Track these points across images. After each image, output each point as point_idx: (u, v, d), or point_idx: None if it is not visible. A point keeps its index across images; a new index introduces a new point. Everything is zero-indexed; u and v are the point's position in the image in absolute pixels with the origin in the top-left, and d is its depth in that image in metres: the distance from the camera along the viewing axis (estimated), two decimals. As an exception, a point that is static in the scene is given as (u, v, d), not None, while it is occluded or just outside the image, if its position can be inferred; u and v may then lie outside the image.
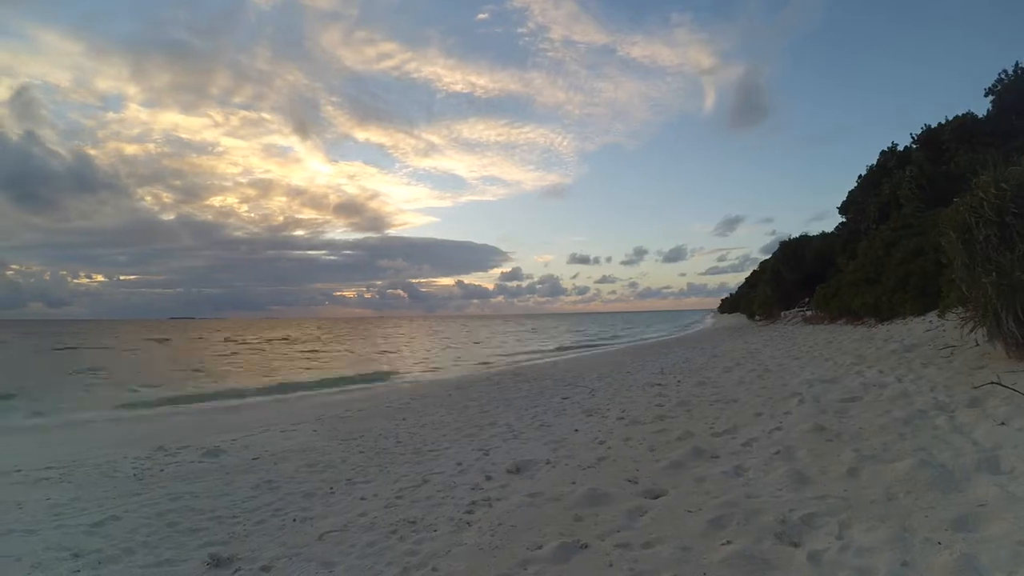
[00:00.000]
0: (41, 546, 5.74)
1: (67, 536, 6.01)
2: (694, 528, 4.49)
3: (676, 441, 7.49)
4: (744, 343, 24.33)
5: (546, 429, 9.69)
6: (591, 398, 12.83)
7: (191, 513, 6.58)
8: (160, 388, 23.04)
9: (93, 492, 7.67)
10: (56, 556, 5.47)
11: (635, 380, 15.28)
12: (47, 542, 5.84)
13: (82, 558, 5.41)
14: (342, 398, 18.47)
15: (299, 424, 12.60)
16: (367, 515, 6.02)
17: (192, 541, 5.71)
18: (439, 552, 4.79)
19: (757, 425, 7.76)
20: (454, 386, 18.86)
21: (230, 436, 11.36)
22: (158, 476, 8.42)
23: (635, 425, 8.91)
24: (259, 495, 7.22)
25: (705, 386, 12.15)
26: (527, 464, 7.31)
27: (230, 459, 9.37)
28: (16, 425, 15.34)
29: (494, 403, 13.79)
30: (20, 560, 5.40)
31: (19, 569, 5.22)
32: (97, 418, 16.06)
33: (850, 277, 24.40)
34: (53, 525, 6.37)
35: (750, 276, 65.37)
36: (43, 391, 22.28)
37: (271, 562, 5.01)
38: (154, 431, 13.11)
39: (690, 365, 17.79)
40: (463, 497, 6.25)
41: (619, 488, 5.80)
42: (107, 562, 5.31)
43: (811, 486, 5.11)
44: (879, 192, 30.91)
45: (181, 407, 18.07)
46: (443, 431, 10.68)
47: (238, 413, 16.43)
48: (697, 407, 9.69)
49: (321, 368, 31.80)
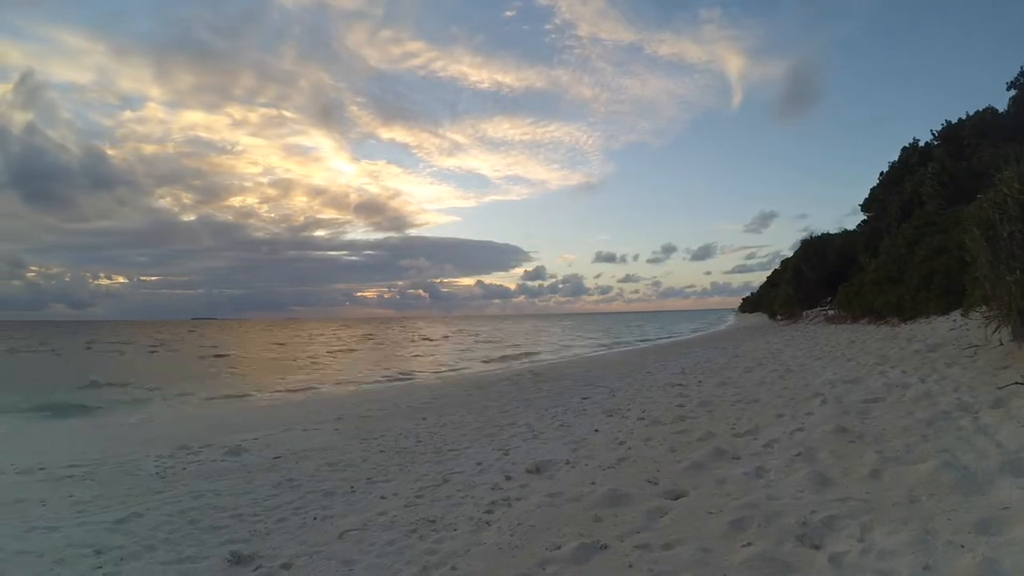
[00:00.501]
0: (64, 542, 5.81)
1: (90, 533, 6.08)
2: (714, 530, 4.48)
3: (697, 442, 7.46)
4: (765, 343, 24.18)
5: (566, 429, 9.69)
6: (611, 398, 12.81)
7: (213, 511, 6.65)
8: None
9: (116, 490, 7.76)
10: (78, 552, 5.54)
11: (656, 380, 15.25)
12: (70, 539, 5.92)
13: (104, 554, 5.47)
14: (359, 398, 18.58)
15: (320, 423, 12.67)
16: (387, 514, 6.05)
17: (213, 538, 5.77)
18: (458, 551, 4.81)
19: (778, 426, 7.71)
20: (474, 386, 18.87)
21: (252, 435, 11.44)
22: (180, 474, 8.51)
23: (656, 425, 8.88)
24: (280, 493, 7.28)
25: (726, 386, 12.08)
26: (547, 464, 7.31)
27: (252, 458, 9.45)
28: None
29: (514, 403, 13.82)
30: (42, 556, 5.47)
31: (42, 565, 5.28)
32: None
33: (872, 276, 24.17)
34: (76, 522, 6.45)
35: (771, 275, 64.78)
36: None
37: (291, 560, 5.05)
38: (176, 430, 13.25)
39: (711, 365, 17.70)
40: (483, 497, 6.27)
41: (639, 489, 5.79)
42: (129, 559, 5.37)
43: (833, 488, 5.08)
44: (901, 189, 30.61)
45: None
46: (463, 431, 10.71)
47: (259, 412, 16.58)
48: (718, 407, 9.64)
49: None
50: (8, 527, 6.36)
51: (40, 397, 20.21)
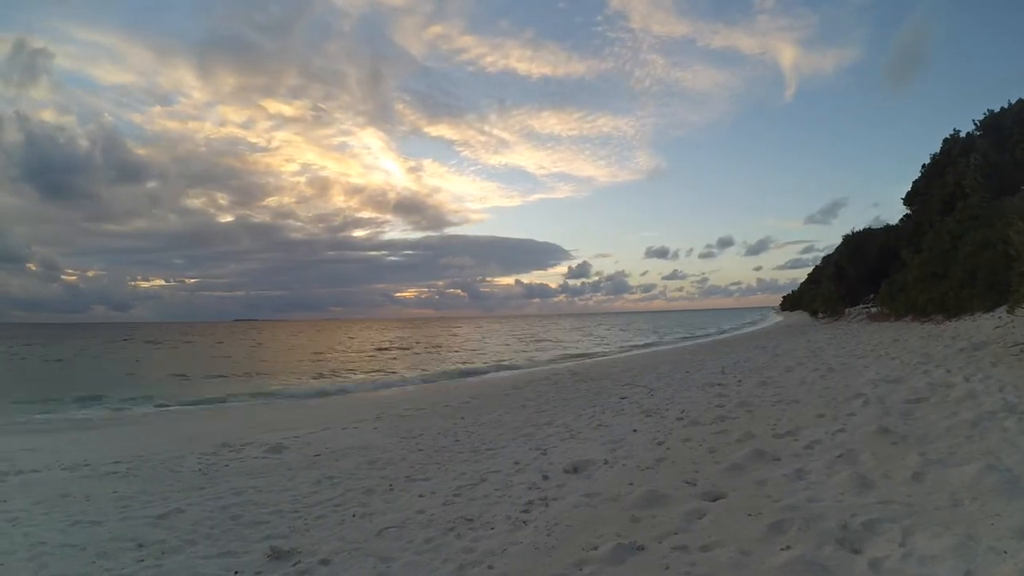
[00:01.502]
0: (106, 536, 5.97)
1: (132, 527, 6.23)
2: (753, 532, 4.46)
3: (736, 443, 7.42)
4: (806, 342, 23.93)
5: (604, 429, 9.67)
6: (650, 398, 12.77)
7: (253, 507, 6.78)
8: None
9: (158, 486, 7.95)
10: (121, 546, 5.68)
11: (695, 380, 15.17)
12: (112, 533, 6.08)
13: (146, 548, 5.61)
14: (398, 397, 18.80)
15: (360, 422, 12.86)
16: (425, 512, 6.11)
17: (254, 534, 5.89)
18: (495, 550, 4.84)
19: (820, 427, 7.65)
20: (511, 385, 18.97)
21: (293, 433, 11.66)
22: (222, 471, 8.69)
23: (695, 426, 8.84)
24: (320, 491, 7.40)
25: (767, 386, 11.99)
26: (584, 464, 7.30)
27: (292, 455, 9.63)
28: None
29: (552, 403, 13.85)
30: (85, 550, 5.62)
31: (85, 558, 5.44)
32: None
33: (916, 272, 23.83)
34: (119, 517, 6.62)
35: (813, 272, 63.94)
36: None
37: (330, 556, 5.13)
38: (218, 427, 13.51)
39: (751, 364, 17.58)
40: (520, 496, 6.30)
41: (677, 490, 5.78)
42: (170, 552, 5.50)
43: (874, 491, 5.04)
44: (943, 182, 30.06)
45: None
46: (500, 430, 10.77)
47: (300, 410, 16.87)
48: (758, 408, 9.58)
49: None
50: (53, 521, 6.55)
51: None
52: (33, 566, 5.26)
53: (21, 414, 17.64)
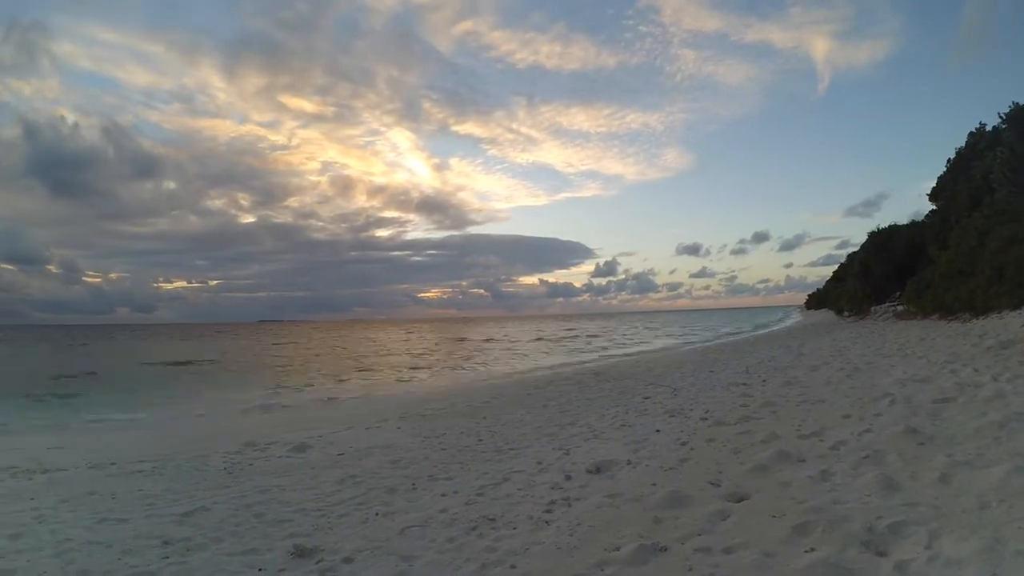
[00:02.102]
0: (132, 533, 6.08)
1: (157, 525, 6.33)
2: (777, 534, 4.45)
3: (761, 443, 7.38)
4: (832, 340, 23.74)
5: (627, 429, 9.67)
6: (673, 398, 12.74)
7: (277, 505, 6.86)
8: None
9: (184, 484, 8.06)
10: (146, 543, 5.79)
11: (719, 379, 15.11)
12: (138, 530, 6.18)
13: (171, 545, 5.71)
14: (421, 396, 18.89)
15: (383, 421, 12.95)
16: (448, 511, 6.15)
17: (277, 532, 5.96)
18: (517, 550, 4.87)
19: (845, 427, 7.60)
20: (533, 385, 18.98)
21: (317, 432, 11.76)
22: (247, 470, 8.79)
23: (719, 426, 8.82)
24: (343, 489, 7.47)
25: (791, 386, 11.93)
26: (607, 464, 7.31)
27: (316, 454, 9.72)
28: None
29: (575, 402, 13.85)
30: (111, 547, 5.73)
31: (110, 555, 5.54)
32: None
33: (942, 269, 23.60)
34: (144, 514, 6.73)
35: (838, 270, 63.44)
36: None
37: (353, 554, 5.19)
38: (244, 427, 13.68)
39: (776, 364, 17.48)
40: (543, 496, 6.32)
41: (701, 491, 5.78)
42: (195, 549, 5.59)
43: (900, 492, 5.01)
44: (969, 177, 29.71)
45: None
46: (523, 430, 10.79)
47: (325, 410, 17.00)
48: (783, 408, 9.53)
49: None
50: (79, 518, 6.68)
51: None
52: (59, 562, 5.36)
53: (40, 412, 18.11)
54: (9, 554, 5.58)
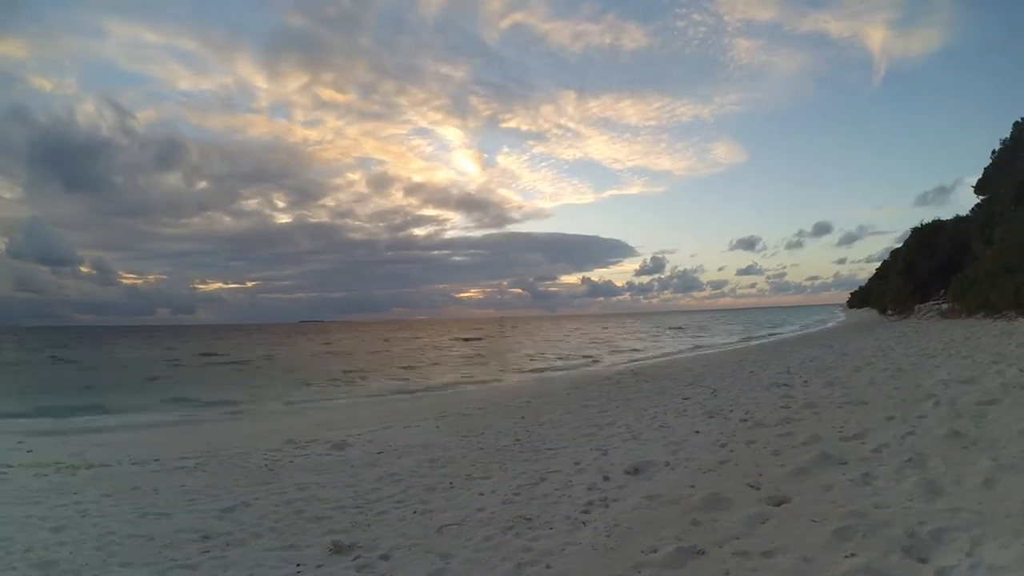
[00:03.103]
0: (173, 528, 6.26)
1: (199, 519, 6.51)
2: (817, 538, 4.45)
3: (802, 445, 7.34)
4: (875, 340, 23.42)
5: (666, 430, 9.65)
6: (713, 399, 12.68)
7: (316, 502, 7.01)
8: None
9: (225, 480, 8.26)
10: (187, 537, 5.96)
11: (759, 380, 14.98)
12: (179, 525, 6.36)
13: (212, 540, 5.87)
14: (460, 396, 19.08)
15: (422, 421, 13.13)
16: (485, 510, 6.22)
17: (316, 528, 6.10)
18: (554, 550, 4.92)
19: (888, 429, 7.53)
20: (572, 385, 19.01)
21: (356, 431, 11.96)
22: (287, 467, 8.99)
23: (759, 428, 8.78)
24: (382, 487, 7.59)
25: (833, 387, 11.82)
26: (645, 465, 7.32)
27: (355, 453, 9.90)
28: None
29: (613, 403, 13.85)
30: (153, 540, 5.91)
31: (152, 548, 5.72)
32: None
33: (987, 266, 23.17)
34: (186, 509, 6.92)
35: (881, 267, 62.30)
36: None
37: (390, 551, 5.28)
38: (284, 425, 13.94)
39: (818, 364, 17.30)
40: (580, 496, 6.35)
41: (740, 493, 5.78)
42: (235, 544, 5.75)
43: (943, 497, 4.98)
44: (1014, 170, 28.99)
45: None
46: (561, 430, 10.82)
47: (364, 408, 17.26)
48: (825, 409, 9.45)
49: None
50: (122, 512, 6.89)
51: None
52: (101, 555, 5.54)
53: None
54: (52, 546, 5.79)
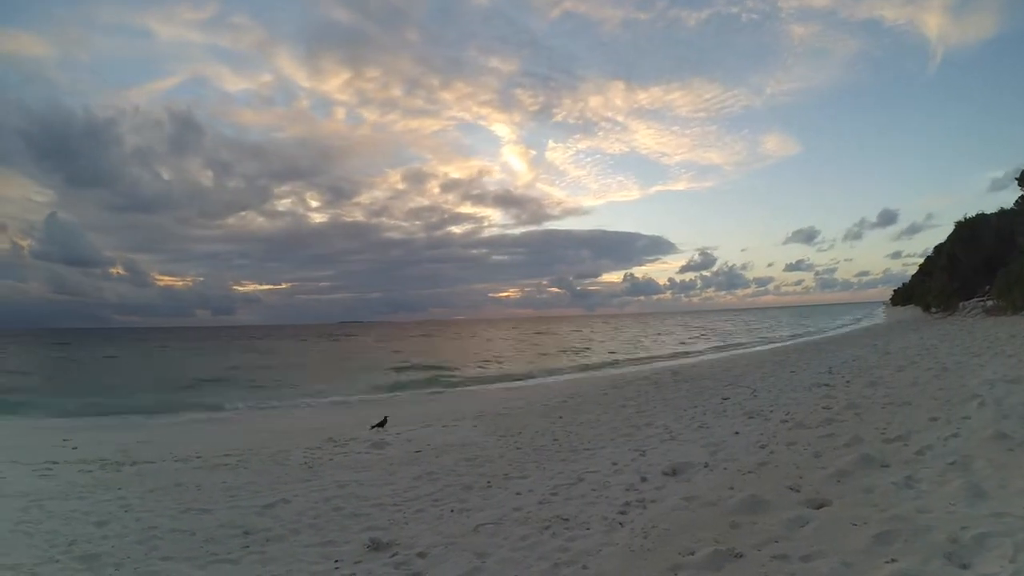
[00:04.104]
0: (215, 523, 6.46)
1: (240, 515, 6.70)
2: (857, 543, 4.41)
3: (843, 447, 7.25)
4: (919, 339, 23.07)
5: (705, 431, 9.63)
6: (753, 399, 12.61)
7: (355, 500, 7.15)
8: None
9: (266, 477, 8.46)
10: (228, 532, 6.16)
11: (800, 380, 14.87)
12: (220, 520, 6.56)
13: (252, 535, 6.05)
14: (498, 395, 19.20)
15: (460, 420, 13.31)
16: (522, 510, 6.28)
17: (355, 525, 6.23)
18: (590, 550, 4.96)
19: (932, 431, 7.42)
20: (611, 384, 19.03)
21: (395, 429, 12.17)
22: (327, 465, 9.18)
23: (800, 429, 8.70)
24: (419, 486, 7.71)
25: (876, 387, 11.67)
26: (684, 466, 7.32)
27: (394, 451, 10.08)
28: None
29: (651, 403, 13.85)
30: (195, 535, 6.12)
31: (194, 542, 5.92)
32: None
33: (1032, 260, 22.63)
34: (227, 505, 7.12)
35: (924, 263, 60.98)
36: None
37: (427, 549, 5.37)
38: (324, 423, 14.19)
39: (860, 364, 17.09)
40: (617, 497, 6.37)
41: (780, 496, 5.75)
42: (275, 540, 5.91)
43: (988, 501, 4.90)
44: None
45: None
46: (599, 430, 10.86)
47: (402, 407, 17.47)
48: (867, 410, 9.33)
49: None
50: (164, 508, 7.13)
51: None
52: (143, 549, 5.74)
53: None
54: (95, 540, 6.00)
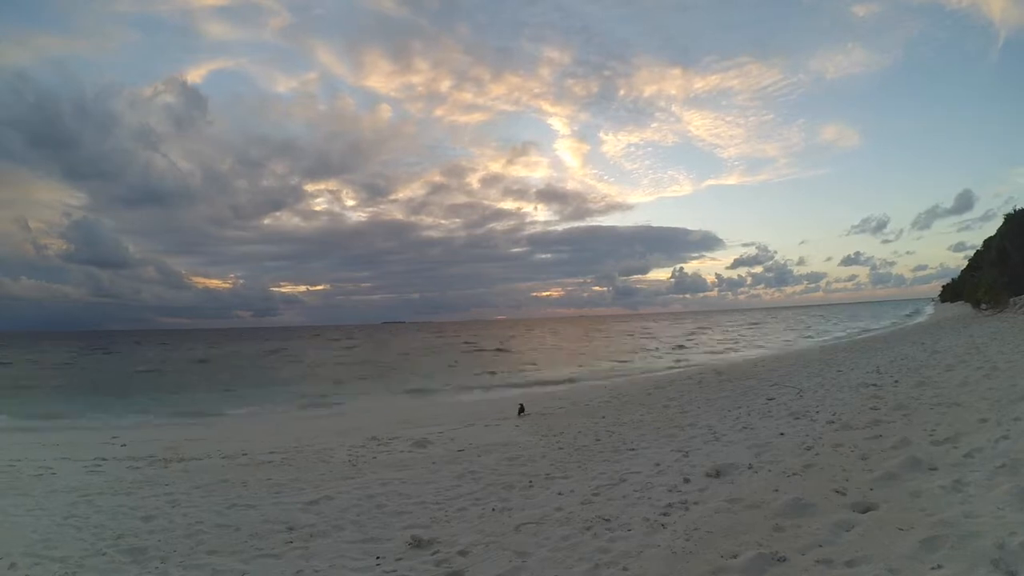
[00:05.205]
0: (259, 519, 6.63)
1: (284, 511, 6.85)
2: (903, 548, 4.34)
3: (891, 449, 7.15)
4: (968, 337, 22.64)
5: (749, 432, 9.56)
6: (798, 399, 12.48)
7: (398, 497, 7.26)
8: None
9: (310, 474, 8.63)
10: (272, 528, 6.32)
11: (847, 380, 14.67)
12: (265, 516, 6.73)
13: (296, 531, 6.20)
14: (540, 395, 19.28)
15: (503, 419, 13.42)
16: (563, 510, 6.31)
17: (397, 522, 6.33)
18: (631, 552, 4.97)
19: (981, 433, 7.27)
20: (653, 385, 18.96)
21: (437, 428, 12.33)
22: (370, 463, 9.33)
23: (846, 430, 8.59)
24: (461, 484, 7.80)
25: (925, 387, 11.50)
26: (727, 468, 7.27)
27: (437, 450, 10.21)
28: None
29: (695, 403, 13.82)
30: (239, 530, 6.29)
31: (239, 537, 6.08)
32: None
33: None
34: (272, 502, 7.29)
35: (973, 258, 59.52)
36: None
37: (468, 547, 5.44)
38: (368, 422, 14.36)
39: (908, 363, 16.83)
40: (659, 498, 6.37)
41: (825, 499, 5.69)
42: (318, 536, 6.04)
43: (1038, 507, 4.79)
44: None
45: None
46: (642, 430, 10.86)
47: (445, 406, 17.65)
48: (915, 411, 9.20)
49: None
50: (211, 503, 7.33)
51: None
52: (190, 543, 5.92)
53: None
54: (142, 534, 6.21)
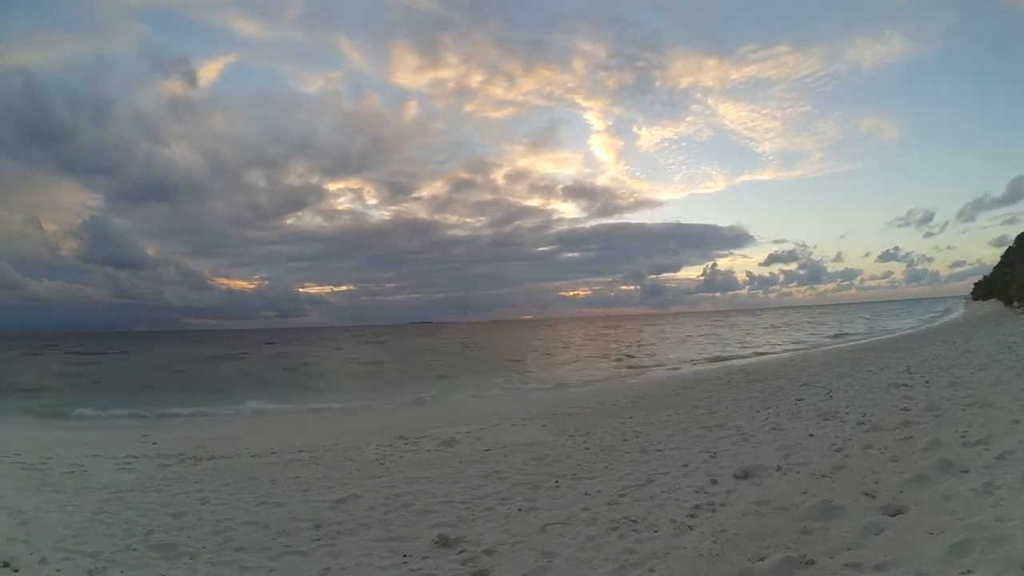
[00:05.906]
0: (287, 516, 6.71)
1: (312, 509, 6.92)
2: (933, 552, 4.28)
3: (922, 451, 7.07)
4: (1000, 335, 22.38)
5: (778, 433, 9.49)
6: (828, 400, 12.38)
7: (425, 496, 7.31)
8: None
9: (338, 473, 8.72)
10: (300, 525, 6.38)
11: (878, 380, 14.52)
12: (293, 513, 6.80)
13: (323, 528, 6.26)
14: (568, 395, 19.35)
15: (530, 419, 13.42)
16: (589, 510, 6.31)
17: (423, 521, 6.36)
18: (657, 553, 4.96)
19: (1015, 434, 7.14)
20: (681, 385, 18.91)
21: (464, 428, 12.39)
22: (397, 462, 9.42)
23: (876, 431, 8.50)
24: (488, 484, 7.83)
25: (956, 387, 11.35)
26: (756, 469, 7.23)
27: (463, 449, 10.27)
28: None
29: (723, 403, 13.77)
30: (268, 527, 6.36)
31: (267, 534, 6.14)
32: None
33: None
34: (300, 499, 7.38)
35: (1006, 254, 58.30)
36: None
37: (494, 547, 5.46)
38: (396, 421, 14.53)
39: (940, 362, 16.65)
40: (686, 500, 6.35)
41: (854, 501, 5.63)
42: (345, 534, 6.09)
43: (1071, 511, 4.71)
44: None
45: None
46: (669, 431, 10.83)
47: (472, 405, 17.76)
48: (947, 412, 9.08)
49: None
50: (240, 501, 7.43)
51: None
52: (218, 540, 6.00)
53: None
54: (172, 530, 6.29)
